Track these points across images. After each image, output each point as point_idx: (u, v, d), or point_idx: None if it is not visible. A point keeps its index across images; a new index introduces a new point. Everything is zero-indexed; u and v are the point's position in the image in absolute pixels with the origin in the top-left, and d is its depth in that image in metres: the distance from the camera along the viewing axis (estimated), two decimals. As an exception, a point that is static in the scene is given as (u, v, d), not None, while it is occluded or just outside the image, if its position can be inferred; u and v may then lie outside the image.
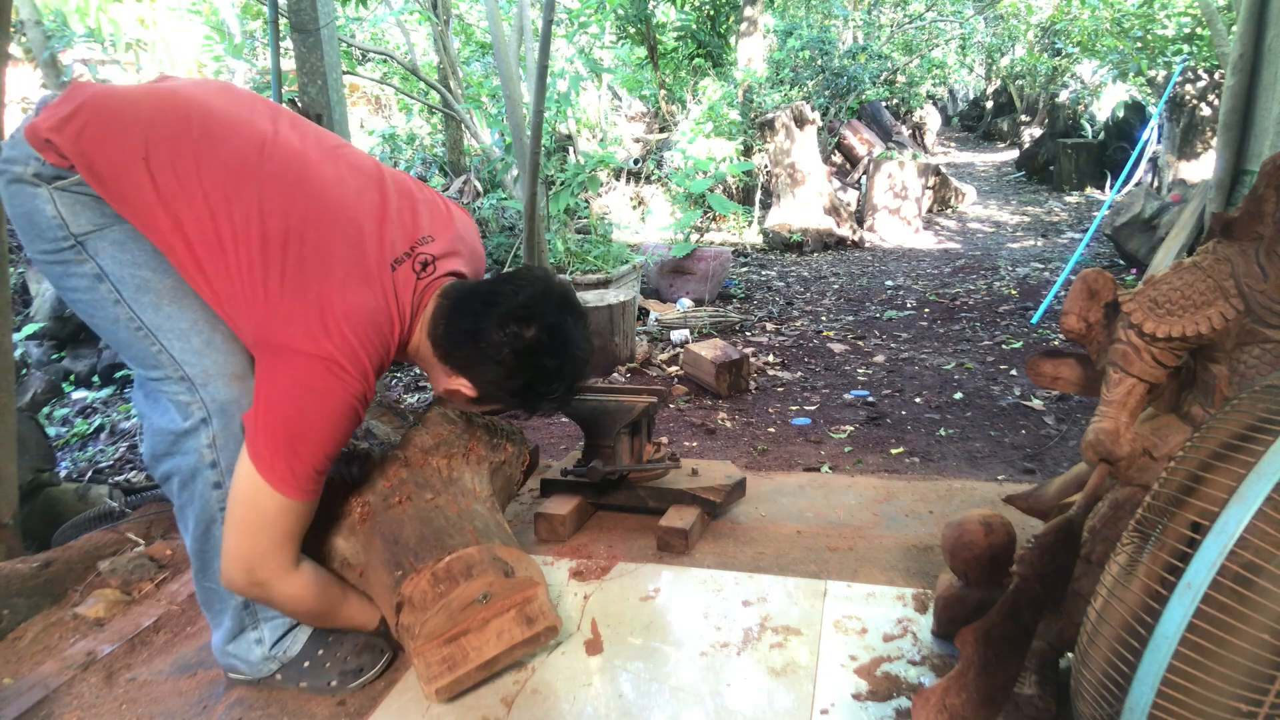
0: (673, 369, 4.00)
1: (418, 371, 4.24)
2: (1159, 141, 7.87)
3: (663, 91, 10.67)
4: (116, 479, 3.18)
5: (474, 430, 1.69)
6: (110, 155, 1.28)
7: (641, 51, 10.85)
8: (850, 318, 5.02)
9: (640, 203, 9.12)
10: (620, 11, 10.18)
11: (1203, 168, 6.87)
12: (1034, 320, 4.60)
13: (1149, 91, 9.96)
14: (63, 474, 3.10)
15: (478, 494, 1.61)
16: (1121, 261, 5.89)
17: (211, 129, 1.33)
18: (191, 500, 1.40)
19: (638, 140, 10.28)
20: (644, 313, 5.17)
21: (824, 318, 5.07)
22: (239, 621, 1.50)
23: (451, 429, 1.66)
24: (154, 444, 1.40)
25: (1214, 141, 5.33)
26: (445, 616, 1.40)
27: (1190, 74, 7.27)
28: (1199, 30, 8.55)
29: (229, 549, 1.34)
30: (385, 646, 1.57)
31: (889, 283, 6.03)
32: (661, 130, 10.45)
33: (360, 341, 1.30)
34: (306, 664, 1.53)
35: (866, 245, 7.92)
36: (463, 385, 1.45)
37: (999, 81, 17.06)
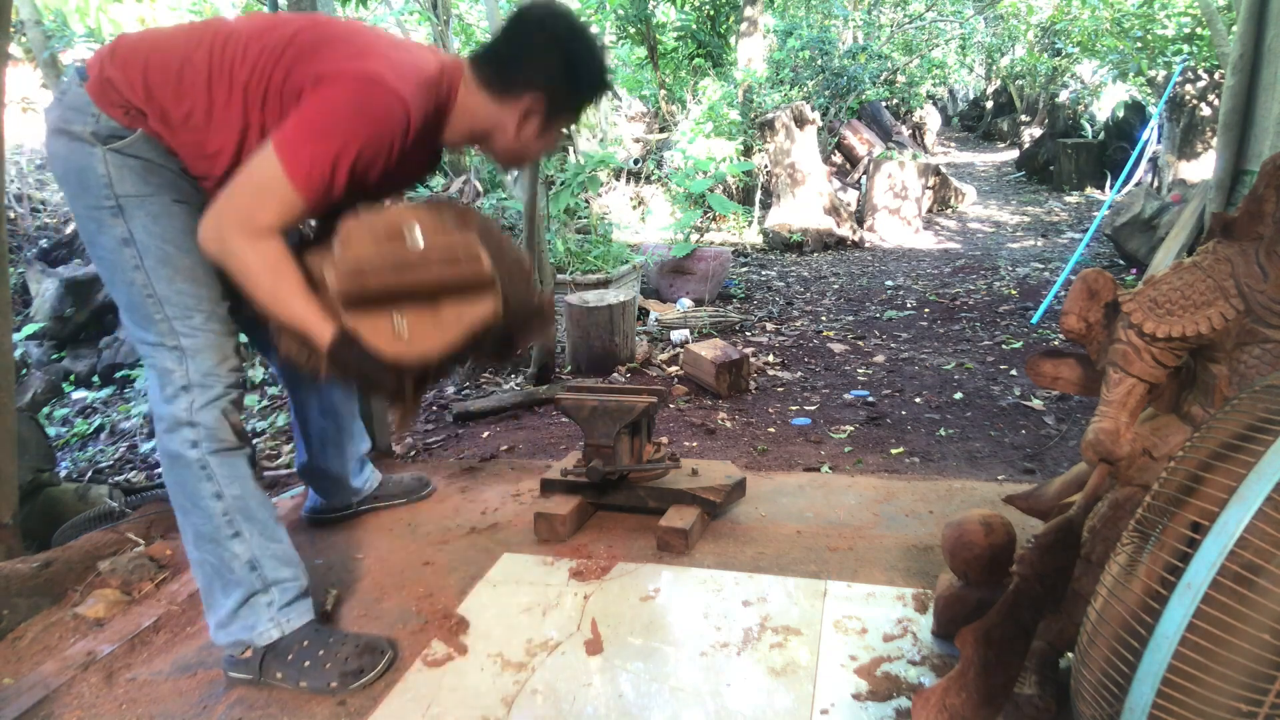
0: (673, 369, 4.00)
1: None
2: (1159, 141, 7.87)
3: (663, 91, 10.67)
4: (116, 479, 3.18)
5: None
6: (164, 61, 1.44)
7: (641, 51, 10.85)
8: (850, 318, 5.02)
9: (640, 203, 9.12)
10: (620, 11, 10.18)
11: (1203, 168, 6.87)
12: (1034, 320, 4.60)
13: (1149, 91, 9.96)
14: (63, 474, 3.10)
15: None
16: (1121, 261, 5.89)
17: (242, 30, 1.48)
18: (171, 464, 1.51)
19: (638, 140, 10.27)
20: (644, 313, 5.17)
21: (824, 318, 5.07)
22: (248, 587, 1.55)
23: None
24: (155, 428, 1.54)
25: (1214, 141, 5.33)
26: (354, 268, 1.41)
27: (1190, 74, 7.27)
28: (1199, 30, 8.55)
29: (215, 209, 1.40)
30: (386, 647, 1.60)
31: (889, 283, 6.03)
32: (661, 130, 10.45)
33: (404, 75, 1.42)
34: (307, 664, 1.55)
35: (866, 245, 7.92)
36: (530, 104, 1.54)
37: (999, 81, 17.05)
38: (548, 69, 1.53)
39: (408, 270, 1.41)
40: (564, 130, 1.66)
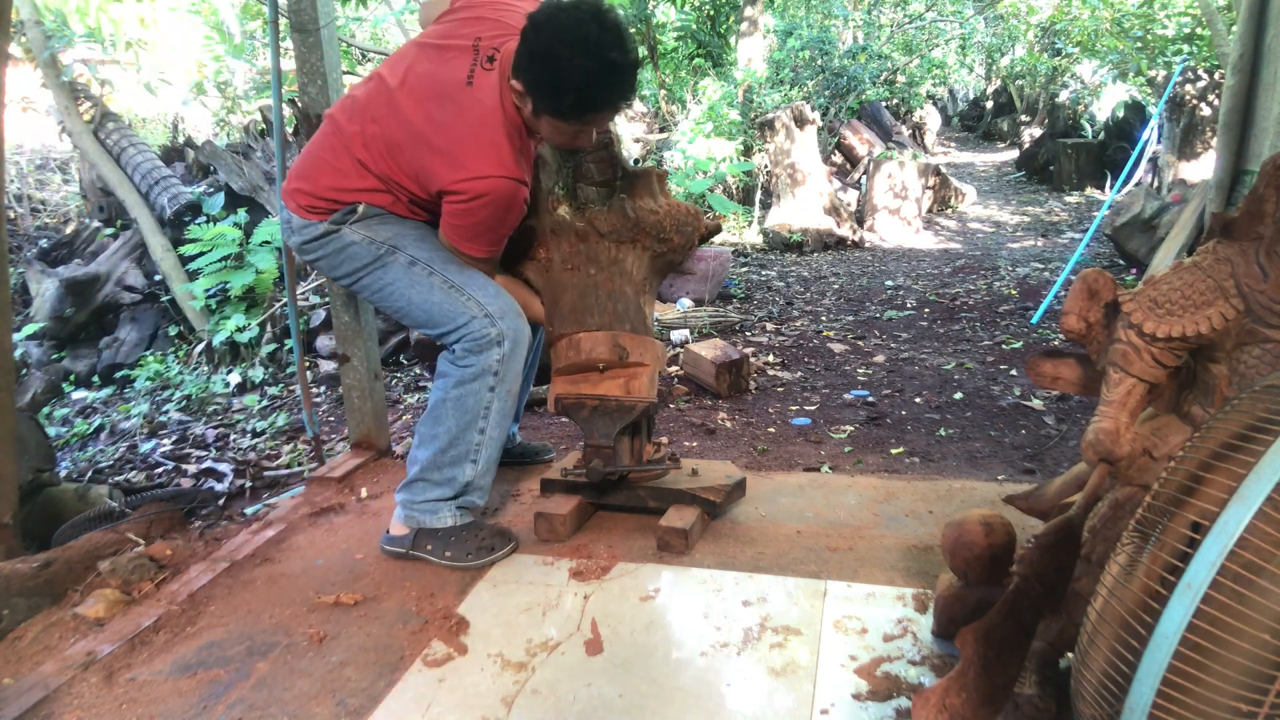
0: (673, 369, 4.00)
1: (417, 370, 4.24)
2: (1159, 141, 7.86)
3: (663, 91, 10.67)
4: (116, 479, 3.18)
5: (643, 226, 2.00)
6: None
7: (641, 51, 10.84)
8: (850, 318, 5.01)
9: (640, 203, 9.10)
10: (620, 11, 10.17)
11: (1203, 168, 6.87)
12: (1034, 320, 4.60)
13: (1149, 91, 9.95)
14: (63, 474, 3.10)
15: (633, 277, 2.02)
16: (1121, 261, 5.89)
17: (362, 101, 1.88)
18: (464, 395, 1.87)
19: (638, 140, 10.27)
20: (644, 313, 5.17)
21: (824, 318, 5.07)
22: (452, 493, 1.94)
23: (624, 221, 1.98)
24: (455, 350, 1.89)
25: (1214, 141, 5.33)
26: (569, 368, 2.02)
27: (1190, 74, 7.26)
28: (1199, 30, 8.55)
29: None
30: (512, 536, 1.99)
31: (889, 283, 6.03)
32: (661, 130, 10.44)
33: (504, 159, 1.74)
34: (453, 538, 1.93)
35: (866, 245, 7.92)
36: (522, 90, 1.71)
37: (999, 81, 17.04)
38: (534, 71, 1.66)
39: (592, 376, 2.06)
40: (567, 126, 1.77)
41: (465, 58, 1.78)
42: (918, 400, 3.39)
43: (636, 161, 9.64)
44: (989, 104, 17.32)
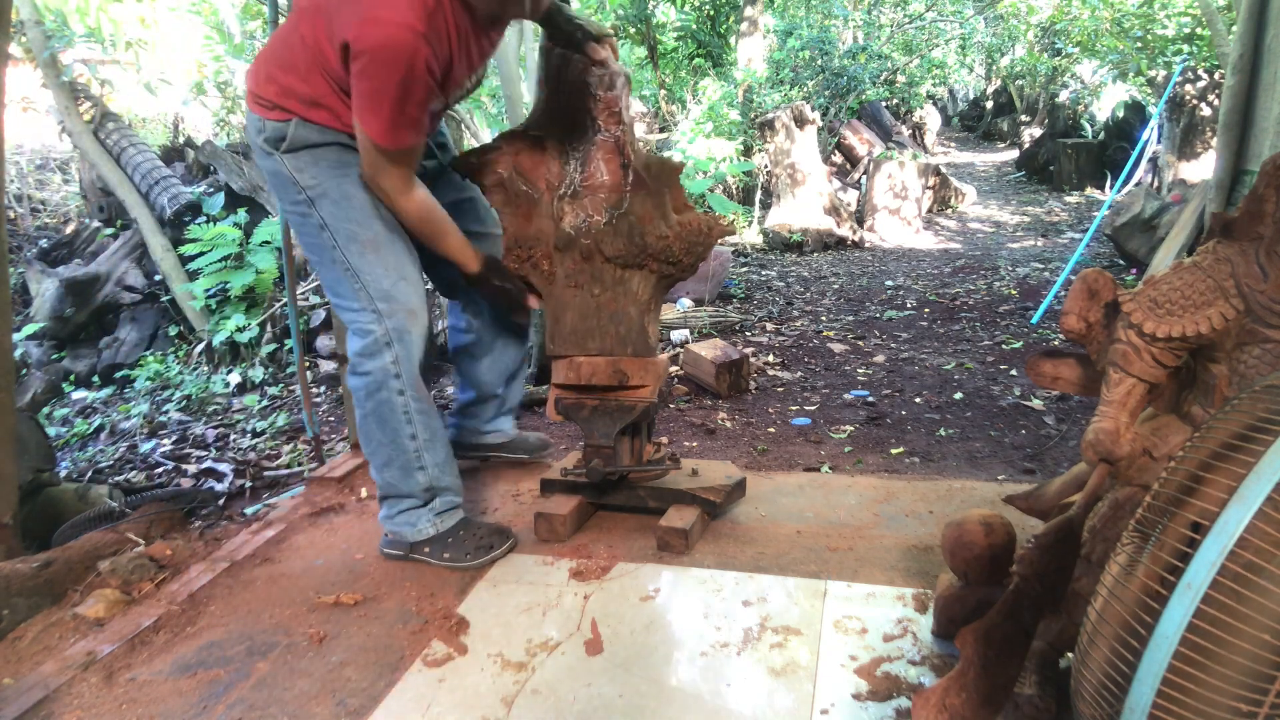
0: (673, 369, 4.00)
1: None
2: (1159, 141, 7.86)
3: (663, 91, 10.67)
4: (116, 479, 3.18)
5: (651, 252, 1.95)
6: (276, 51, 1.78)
7: (641, 51, 10.85)
8: (850, 318, 5.01)
9: (640, 203, 9.10)
10: (620, 11, 10.18)
11: (1203, 168, 6.87)
12: (1034, 320, 4.60)
13: (1149, 91, 9.95)
14: (63, 474, 3.10)
15: (637, 297, 1.98)
16: (1121, 261, 5.89)
17: None
18: (379, 407, 1.85)
19: (638, 140, 10.27)
20: (644, 313, 5.17)
21: (824, 318, 5.07)
22: (421, 500, 1.91)
23: (631, 247, 1.93)
24: (350, 365, 1.87)
25: (1214, 141, 5.33)
26: (566, 386, 2.03)
27: (1190, 74, 7.26)
28: (1199, 30, 8.55)
29: (364, 171, 1.77)
30: (511, 533, 1.97)
31: (889, 283, 6.03)
32: (661, 130, 10.44)
33: (398, 8, 1.58)
34: (450, 539, 1.92)
35: (866, 245, 7.92)
36: None
37: (999, 81, 17.04)
38: None
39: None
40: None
41: None
42: (918, 400, 3.39)
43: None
44: (989, 104, 17.32)
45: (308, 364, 4.28)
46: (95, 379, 4.82)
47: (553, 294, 2.01)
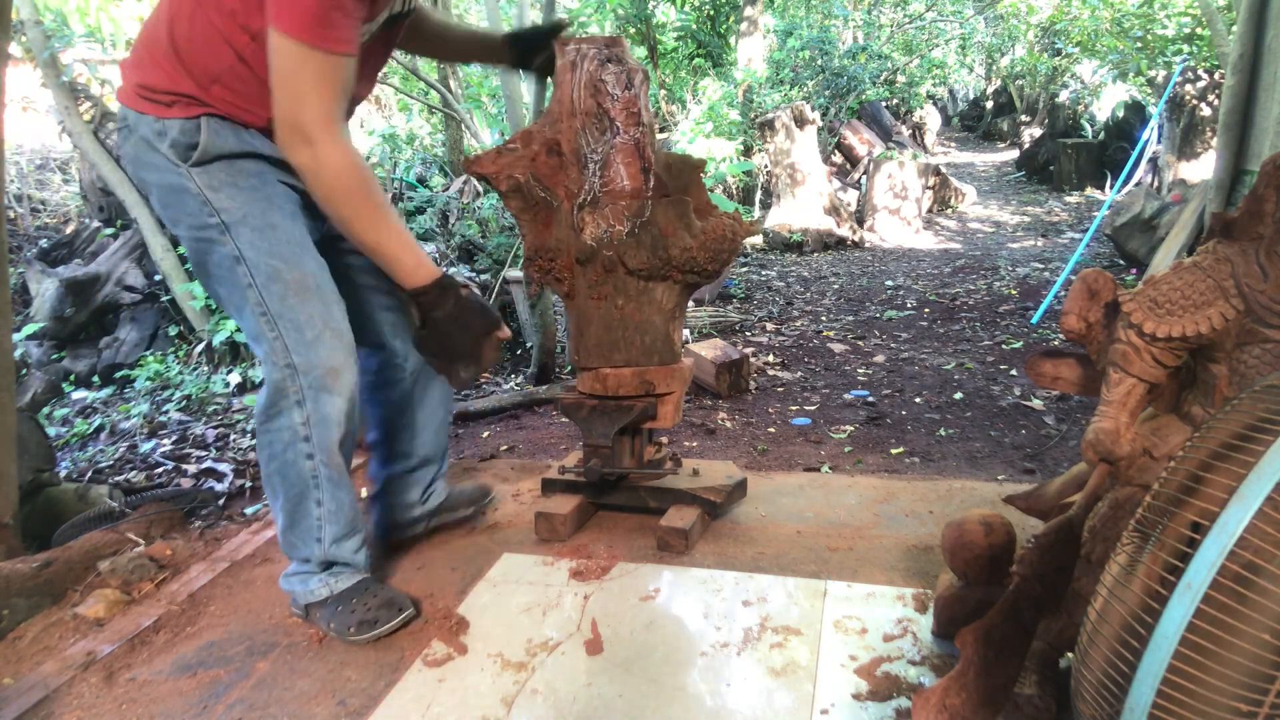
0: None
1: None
2: (1159, 141, 7.86)
3: (663, 91, 10.67)
4: (116, 479, 3.18)
5: (674, 263, 1.88)
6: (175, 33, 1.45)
7: (641, 51, 10.84)
8: (850, 318, 5.01)
9: (640, 203, 9.10)
10: (620, 11, 10.18)
11: (1203, 168, 6.87)
12: (1034, 320, 4.59)
13: (1149, 91, 9.95)
14: (63, 474, 3.10)
15: (662, 306, 1.92)
16: (1121, 261, 5.89)
17: None
18: (284, 468, 1.60)
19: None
20: (644, 313, 5.16)
21: (824, 318, 5.07)
22: (318, 564, 1.69)
23: (655, 259, 1.86)
24: (256, 417, 1.61)
25: (1214, 141, 5.33)
26: (592, 395, 1.99)
27: (1190, 74, 7.26)
28: (1199, 30, 8.55)
29: (282, 115, 1.39)
30: (406, 604, 1.69)
31: (889, 283, 6.03)
32: (661, 130, 10.44)
33: None
34: (339, 607, 1.67)
35: (866, 245, 7.92)
36: None
37: (999, 81, 17.05)
38: None
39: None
40: None
41: None
42: (918, 400, 3.39)
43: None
44: (989, 104, 17.33)
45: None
46: (95, 379, 4.82)
47: (575, 306, 1.95)
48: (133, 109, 1.47)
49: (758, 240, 8.07)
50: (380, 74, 1.67)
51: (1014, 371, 3.70)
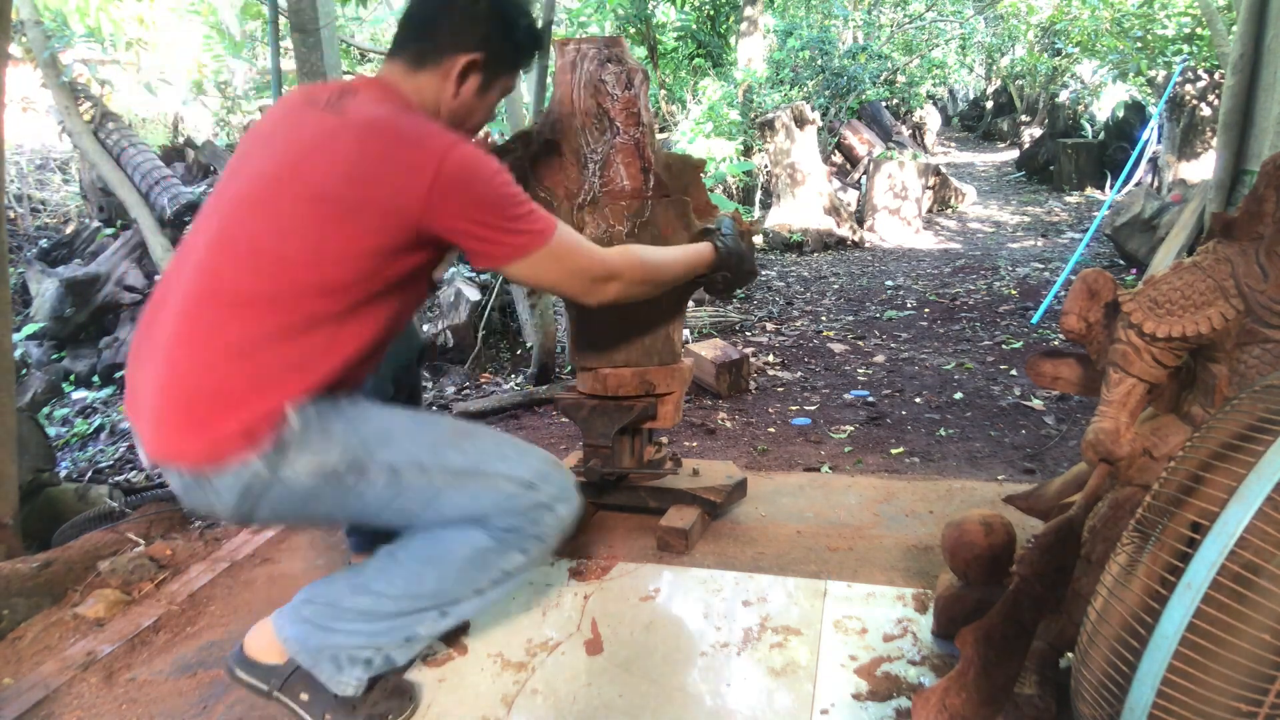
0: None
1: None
2: (1159, 141, 7.86)
3: (663, 91, 10.67)
4: (116, 479, 3.18)
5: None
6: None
7: (641, 51, 10.84)
8: (850, 318, 5.01)
9: (640, 203, 9.10)
10: (620, 11, 10.18)
11: (1203, 168, 6.87)
12: (1034, 320, 4.60)
13: (1149, 91, 9.96)
14: (63, 474, 3.10)
15: (661, 306, 1.91)
16: (1121, 261, 5.89)
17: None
18: (482, 557, 1.33)
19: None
20: (644, 313, 5.16)
21: (824, 318, 5.07)
22: (374, 663, 1.38)
23: None
24: (496, 533, 1.34)
25: (1214, 141, 5.33)
26: (592, 396, 1.98)
27: (1190, 74, 7.27)
28: (1199, 30, 8.55)
29: (577, 293, 1.45)
30: (413, 695, 1.48)
31: (889, 283, 6.03)
32: (661, 130, 10.44)
33: (428, 124, 1.32)
34: (336, 698, 1.39)
35: (866, 245, 7.92)
36: (466, 64, 1.40)
37: (999, 81, 17.05)
38: (477, 25, 1.40)
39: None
40: (506, 91, 1.56)
41: (311, 115, 1.32)
42: (918, 400, 3.39)
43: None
44: (989, 104, 17.33)
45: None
46: (95, 379, 4.82)
47: (575, 306, 1.93)
48: (205, 470, 1.22)
49: (758, 240, 8.07)
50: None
51: (1014, 371, 3.70)
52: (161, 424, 1.22)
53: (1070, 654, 1.28)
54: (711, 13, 10.92)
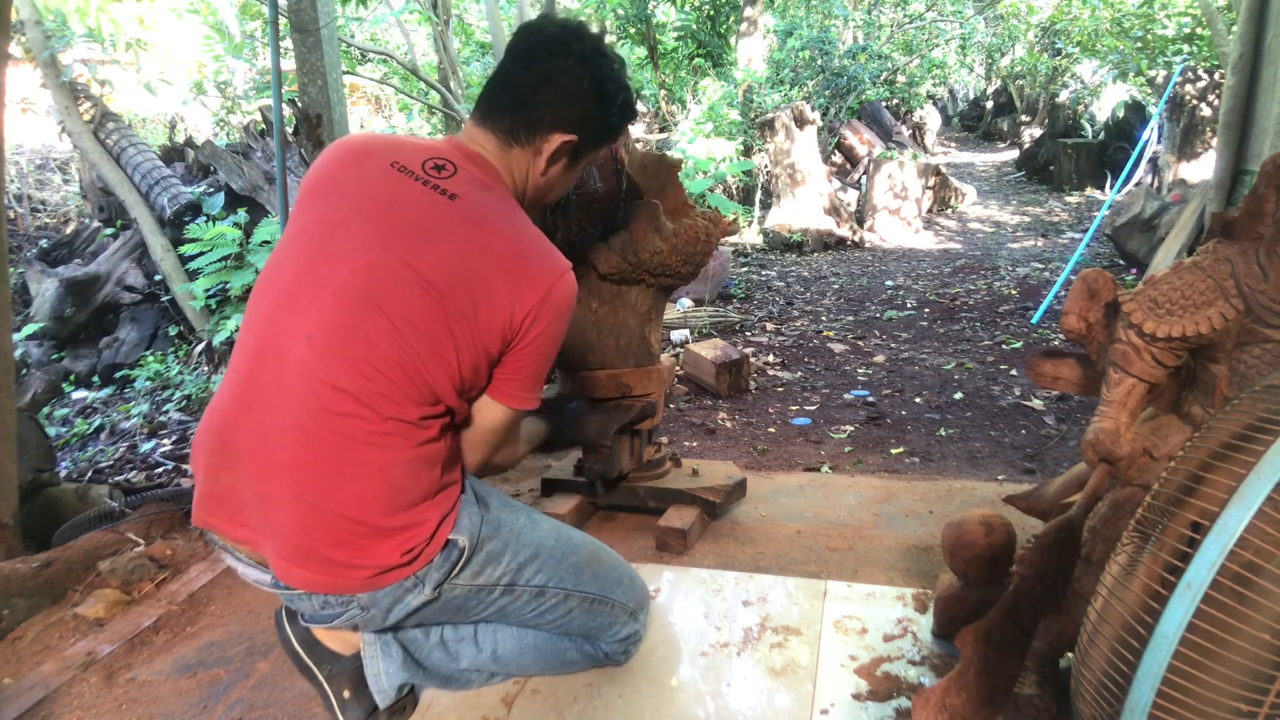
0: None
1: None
2: (1159, 141, 7.87)
3: (663, 91, 10.68)
4: (116, 479, 3.18)
5: (646, 267, 1.87)
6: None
7: (641, 51, 10.85)
8: (850, 318, 5.01)
9: (640, 203, 9.10)
10: (620, 11, 10.19)
11: (1203, 168, 6.87)
12: (1034, 320, 4.60)
13: (1149, 91, 9.96)
14: (63, 474, 3.10)
15: (636, 309, 1.92)
16: (1121, 261, 5.89)
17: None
18: (563, 665, 1.49)
19: (638, 140, 10.27)
20: (644, 313, 5.17)
21: (824, 318, 5.07)
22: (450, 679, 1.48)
23: (625, 263, 1.85)
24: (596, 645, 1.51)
25: (1214, 141, 5.33)
26: (569, 397, 1.95)
27: (1190, 74, 7.27)
28: (1199, 30, 8.55)
29: (476, 462, 1.38)
30: (414, 695, 1.49)
31: (889, 283, 6.03)
32: (661, 130, 10.44)
33: (545, 243, 1.31)
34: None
35: (866, 245, 7.92)
36: (560, 144, 1.34)
37: (999, 81, 17.05)
38: (576, 104, 1.33)
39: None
40: (591, 164, 1.55)
41: (411, 187, 1.25)
42: (918, 400, 3.39)
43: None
44: (989, 104, 17.34)
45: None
46: (95, 379, 4.82)
47: None
48: (373, 587, 1.24)
49: (758, 240, 8.07)
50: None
51: (1014, 371, 3.70)
52: (307, 559, 1.18)
53: (1070, 654, 1.28)
54: (711, 13, 10.92)
